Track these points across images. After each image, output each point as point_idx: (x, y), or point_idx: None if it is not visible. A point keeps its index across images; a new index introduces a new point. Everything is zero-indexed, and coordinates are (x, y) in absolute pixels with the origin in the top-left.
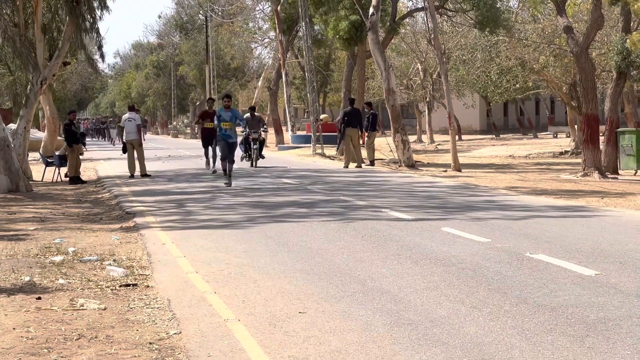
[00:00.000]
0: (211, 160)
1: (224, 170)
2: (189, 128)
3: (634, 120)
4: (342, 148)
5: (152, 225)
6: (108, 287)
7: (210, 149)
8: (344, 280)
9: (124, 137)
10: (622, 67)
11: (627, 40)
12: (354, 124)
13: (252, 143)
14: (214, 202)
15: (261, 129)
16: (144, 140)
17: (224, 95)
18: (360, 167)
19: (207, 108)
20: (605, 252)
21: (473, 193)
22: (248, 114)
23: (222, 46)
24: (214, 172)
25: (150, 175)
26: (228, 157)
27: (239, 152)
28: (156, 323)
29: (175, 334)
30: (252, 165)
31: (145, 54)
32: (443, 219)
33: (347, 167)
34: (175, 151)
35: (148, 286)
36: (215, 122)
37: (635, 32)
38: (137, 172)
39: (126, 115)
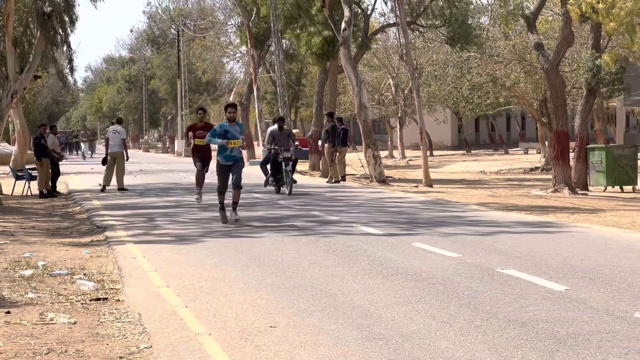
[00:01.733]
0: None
1: (221, 205)
2: (160, 142)
3: (603, 137)
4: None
5: (123, 239)
6: (78, 301)
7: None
8: (315, 294)
9: (108, 149)
10: (592, 84)
11: (600, 59)
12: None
13: (283, 164)
14: (185, 216)
15: (292, 146)
16: (128, 157)
17: (229, 105)
18: (339, 181)
19: (196, 121)
20: (575, 268)
21: (444, 208)
22: (274, 127)
23: (193, 60)
24: (197, 199)
25: (127, 189)
26: (234, 183)
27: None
28: (127, 337)
29: (145, 348)
30: (288, 192)
31: (117, 67)
32: (414, 234)
33: (338, 181)
34: (146, 165)
35: (119, 300)
36: (209, 140)
37: (607, 52)
38: (111, 186)
39: (112, 128)
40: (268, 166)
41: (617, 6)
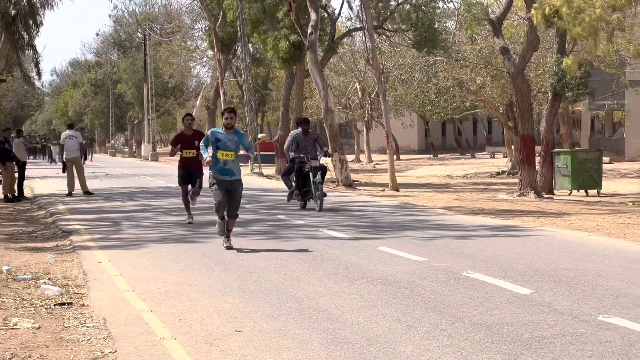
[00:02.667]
0: (191, 202)
1: (222, 231)
2: (127, 146)
3: (569, 141)
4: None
5: (88, 244)
6: (43, 306)
7: (190, 189)
8: (281, 298)
9: (64, 156)
10: (558, 88)
11: (563, 62)
12: None
13: (310, 174)
14: (151, 220)
15: (321, 151)
16: (92, 160)
17: (226, 109)
18: None
19: (183, 130)
20: (540, 271)
21: (410, 212)
22: (298, 131)
23: (160, 65)
24: (190, 222)
25: (92, 193)
26: (229, 210)
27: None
28: (91, 342)
29: (110, 352)
30: (318, 208)
31: (83, 71)
32: (380, 238)
33: None
34: (112, 169)
35: (83, 305)
36: (203, 150)
37: (570, 55)
38: (76, 190)
39: (66, 133)
40: (292, 177)
41: (585, 12)
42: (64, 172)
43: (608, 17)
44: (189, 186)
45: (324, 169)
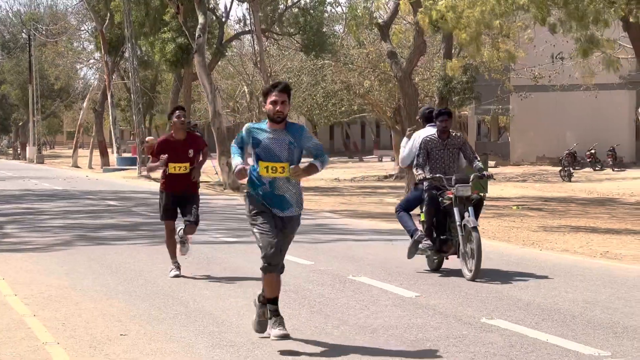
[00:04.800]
0: (180, 249)
1: (262, 327)
2: (11, 149)
3: None
4: None
5: None
6: None
7: (178, 229)
8: (167, 302)
9: None
10: (444, 92)
11: (447, 66)
12: None
13: (455, 211)
14: (36, 224)
15: (474, 166)
16: None
17: (273, 86)
18: None
19: (170, 131)
20: (425, 275)
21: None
22: (427, 131)
23: (46, 66)
24: (177, 275)
25: None
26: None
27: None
28: None
29: None
30: (470, 274)
31: None
32: None
33: None
34: None
35: None
36: (234, 154)
37: (455, 60)
38: None
39: None
40: (417, 213)
41: (464, 15)
42: None
43: (490, 23)
44: (178, 223)
45: (479, 201)
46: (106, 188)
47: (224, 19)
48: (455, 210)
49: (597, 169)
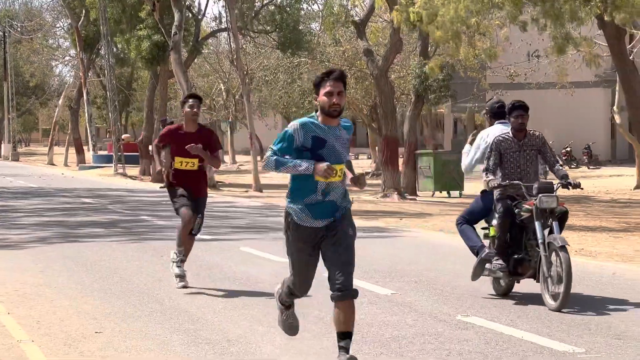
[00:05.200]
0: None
1: (293, 329)
2: None
3: (432, 142)
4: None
5: None
6: None
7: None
8: (142, 299)
9: None
10: (420, 90)
11: (426, 65)
12: None
13: (536, 225)
14: (11, 221)
15: (557, 171)
16: None
17: (327, 73)
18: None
19: (181, 120)
20: (401, 272)
21: (273, 213)
22: (499, 129)
23: (21, 63)
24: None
25: None
26: (343, 278)
27: None
28: None
29: None
30: (555, 304)
31: None
32: (242, 239)
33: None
34: None
35: None
36: (270, 161)
37: (432, 59)
38: None
39: None
40: (482, 228)
41: (439, 14)
42: None
43: (466, 20)
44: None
45: (564, 214)
46: (82, 186)
47: (200, 17)
48: (537, 225)
49: (572, 166)
